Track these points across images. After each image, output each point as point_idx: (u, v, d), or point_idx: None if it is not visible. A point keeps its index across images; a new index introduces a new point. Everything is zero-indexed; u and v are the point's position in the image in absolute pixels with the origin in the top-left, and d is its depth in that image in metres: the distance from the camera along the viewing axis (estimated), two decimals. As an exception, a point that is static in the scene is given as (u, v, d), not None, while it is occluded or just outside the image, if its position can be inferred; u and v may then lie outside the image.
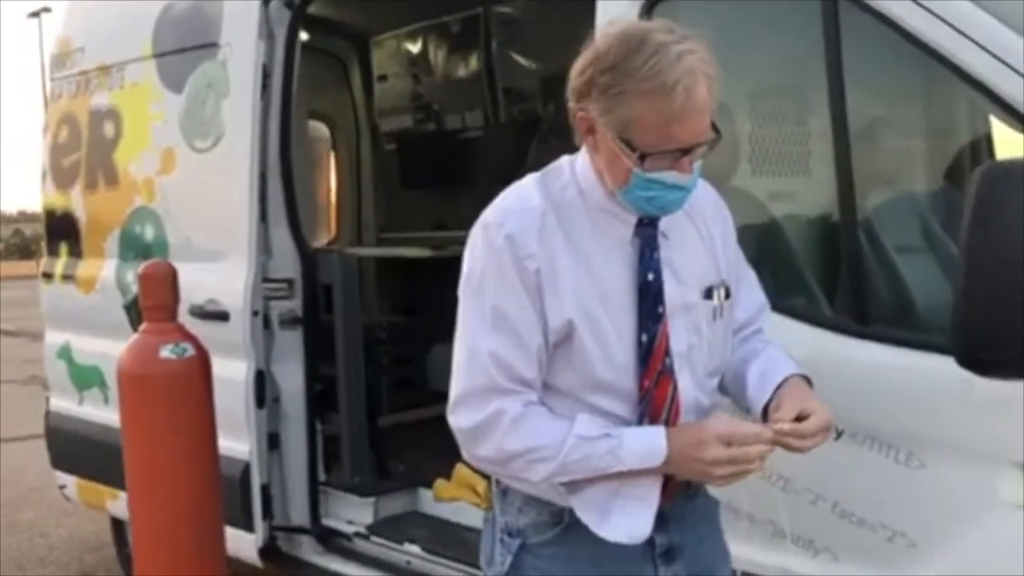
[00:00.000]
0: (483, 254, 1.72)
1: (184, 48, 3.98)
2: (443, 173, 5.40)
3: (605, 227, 1.74)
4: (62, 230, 4.67)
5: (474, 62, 5.32)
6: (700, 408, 1.80)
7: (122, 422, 3.34)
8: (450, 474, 3.45)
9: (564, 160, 1.81)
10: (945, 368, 1.93)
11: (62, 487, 4.74)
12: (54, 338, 4.74)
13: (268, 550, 3.74)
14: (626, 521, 1.74)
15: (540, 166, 1.82)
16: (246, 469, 3.68)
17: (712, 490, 1.92)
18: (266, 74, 3.66)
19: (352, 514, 3.83)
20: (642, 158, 1.63)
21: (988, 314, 1.76)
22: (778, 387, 1.82)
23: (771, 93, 2.70)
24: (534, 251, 1.68)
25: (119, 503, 3.94)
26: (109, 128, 4.36)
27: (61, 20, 4.95)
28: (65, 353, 4.63)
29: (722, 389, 1.92)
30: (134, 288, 3.79)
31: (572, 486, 1.74)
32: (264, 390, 3.69)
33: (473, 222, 1.77)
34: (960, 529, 2.12)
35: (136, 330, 3.40)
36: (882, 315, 2.34)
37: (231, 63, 3.76)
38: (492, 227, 1.72)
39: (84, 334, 4.50)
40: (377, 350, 4.78)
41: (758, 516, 2.37)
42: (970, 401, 2.05)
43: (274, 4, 3.68)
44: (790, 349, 1.95)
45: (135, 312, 3.73)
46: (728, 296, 1.83)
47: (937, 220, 2.41)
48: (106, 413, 4.13)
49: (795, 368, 1.87)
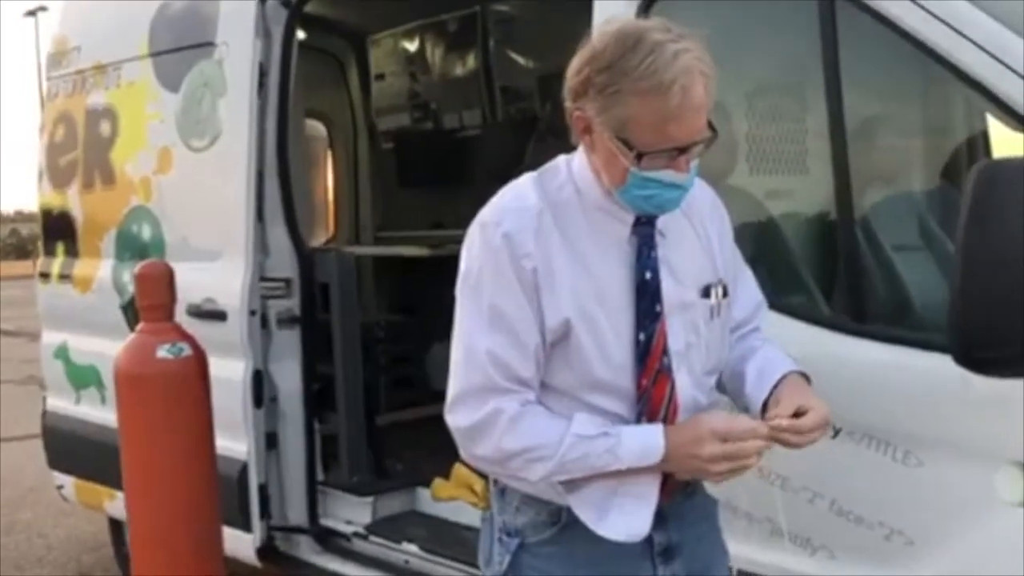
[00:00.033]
0: (480, 253, 1.72)
1: (180, 47, 3.97)
2: (440, 172, 5.39)
3: (602, 226, 1.74)
4: (59, 230, 4.67)
5: (471, 61, 5.31)
6: (698, 407, 1.80)
7: (119, 422, 3.34)
8: (448, 473, 3.45)
9: (561, 159, 1.81)
10: (942, 366, 1.94)
11: (60, 487, 4.74)
12: (51, 338, 4.73)
13: (266, 550, 3.73)
14: (625, 519, 1.74)
15: (537, 165, 1.82)
16: (244, 469, 3.67)
17: (710, 488, 1.92)
18: (263, 73, 3.66)
19: (350, 514, 3.83)
20: (639, 157, 1.63)
21: (985, 312, 1.76)
22: (776, 384, 1.82)
23: (768, 92, 2.70)
24: (531, 250, 1.68)
25: (117, 503, 3.93)
26: (105, 127, 4.36)
27: (57, 19, 4.94)
28: (62, 353, 4.62)
29: (720, 387, 1.92)
30: (131, 288, 3.78)
31: (570, 485, 1.74)
32: (262, 389, 3.69)
33: (470, 221, 1.77)
34: (958, 527, 2.12)
35: (133, 330, 3.40)
36: (879, 313, 2.34)
37: (227, 62, 3.75)
38: (489, 226, 1.72)
39: (81, 334, 4.50)
40: (375, 349, 4.77)
41: (756, 514, 2.37)
42: (967, 399, 2.05)
43: (270, 3, 3.67)
44: (787, 347, 1.95)
45: (132, 312, 3.73)
46: (725, 295, 1.83)
47: (934, 219, 2.41)
48: (103, 413, 4.13)
49: (793, 365, 1.87)
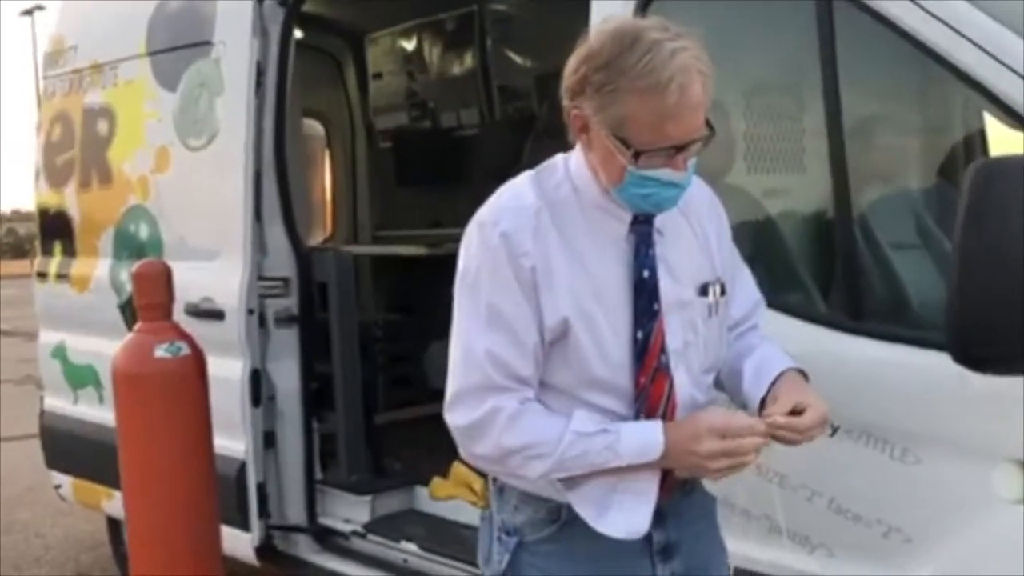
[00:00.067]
0: (478, 252, 1.72)
1: (178, 46, 3.97)
2: (438, 171, 5.39)
3: (600, 225, 1.74)
4: (56, 229, 4.66)
5: (469, 60, 5.31)
6: (696, 405, 1.80)
7: (117, 421, 3.34)
8: (447, 472, 3.46)
9: (558, 158, 1.81)
10: (940, 364, 1.94)
11: (57, 487, 4.74)
12: (49, 337, 4.73)
13: (264, 549, 3.73)
14: (624, 516, 1.74)
15: (535, 164, 1.82)
16: (242, 468, 3.67)
17: (709, 486, 1.92)
18: (260, 72, 3.65)
19: (349, 512, 3.82)
20: (636, 156, 1.63)
21: (983, 310, 1.76)
22: (774, 381, 1.83)
23: (766, 91, 2.70)
24: (529, 249, 1.68)
25: (115, 503, 3.93)
26: (103, 126, 4.35)
27: (54, 18, 4.94)
28: (60, 352, 4.62)
29: (718, 385, 1.92)
30: (128, 287, 3.78)
31: (570, 482, 1.74)
32: (260, 388, 3.69)
33: (468, 220, 1.77)
34: (956, 525, 2.12)
35: (131, 329, 3.40)
36: (877, 311, 2.34)
37: (225, 61, 3.75)
38: (487, 225, 1.72)
39: (79, 333, 4.50)
40: (373, 348, 4.77)
41: (754, 512, 2.38)
42: (965, 397, 2.05)
43: (268, 2, 3.67)
44: (785, 346, 1.95)
45: (130, 311, 3.73)
46: (723, 293, 1.83)
47: (932, 217, 2.42)
48: (101, 412, 4.12)
49: (791, 363, 1.87)
